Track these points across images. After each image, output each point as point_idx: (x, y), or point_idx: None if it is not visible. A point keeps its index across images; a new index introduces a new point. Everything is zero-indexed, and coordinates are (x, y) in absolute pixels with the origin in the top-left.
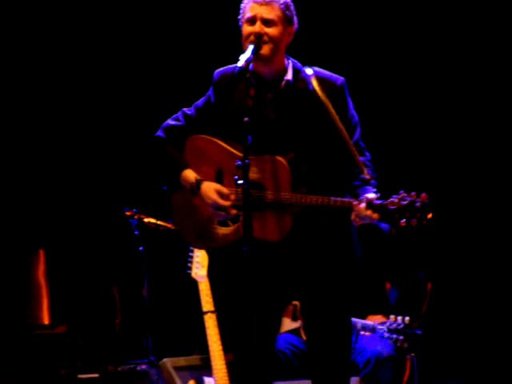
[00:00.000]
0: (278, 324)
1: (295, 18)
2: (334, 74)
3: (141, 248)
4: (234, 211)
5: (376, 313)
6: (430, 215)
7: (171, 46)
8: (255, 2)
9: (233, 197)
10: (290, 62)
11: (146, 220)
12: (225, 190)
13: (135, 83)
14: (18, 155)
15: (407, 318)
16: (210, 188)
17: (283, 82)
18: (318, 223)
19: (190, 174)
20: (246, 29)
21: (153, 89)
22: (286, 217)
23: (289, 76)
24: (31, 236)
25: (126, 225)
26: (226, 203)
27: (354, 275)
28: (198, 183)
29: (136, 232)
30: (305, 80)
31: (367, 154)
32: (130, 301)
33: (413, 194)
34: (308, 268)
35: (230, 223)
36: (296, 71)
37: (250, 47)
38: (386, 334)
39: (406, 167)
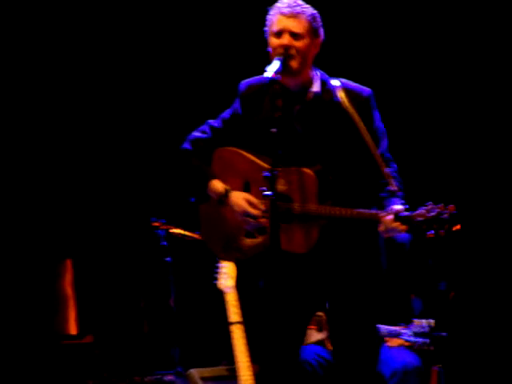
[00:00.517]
0: (303, 335)
1: (321, 30)
2: (360, 86)
3: (168, 258)
4: (263, 220)
5: (401, 322)
6: (458, 226)
7: (197, 61)
8: (282, 15)
9: (262, 206)
10: (317, 73)
11: (173, 231)
12: (254, 199)
13: (163, 95)
14: (47, 166)
15: (432, 321)
16: (239, 196)
17: (310, 94)
18: (345, 235)
19: (217, 184)
20: (274, 41)
21: (180, 101)
22: (312, 229)
23: (316, 88)
24: (59, 246)
25: (154, 235)
26: (256, 211)
27: (379, 286)
28: (227, 192)
29: (163, 242)
30: (332, 91)
31: (394, 165)
32: (157, 311)
33: (440, 205)
34: (334, 279)
35: (256, 235)
36: (323, 83)
37: (278, 59)
38: (412, 338)
39: (432, 178)
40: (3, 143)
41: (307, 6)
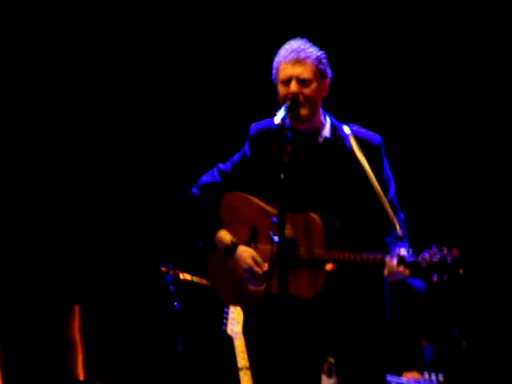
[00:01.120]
0: (317, 381)
1: (329, 70)
2: (370, 133)
3: (176, 304)
4: (264, 280)
5: (411, 369)
6: (461, 271)
7: (212, 101)
8: (288, 63)
9: (266, 266)
10: (327, 117)
11: (181, 276)
12: (259, 258)
13: (175, 135)
14: (52, 209)
15: (441, 376)
16: (245, 253)
17: (321, 138)
18: (351, 281)
19: (225, 236)
20: (282, 90)
21: (192, 142)
22: (319, 275)
23: (326, 132)
24: (67, 292)
25: (162, 281)
26: (260, 271)
27: (385, 331)
28: (234, 245)
29: (171, 288)
30: (342, 138)
31: (401, 214)
32: (165, 356)
33: (444, 249)
34: (340, 326)
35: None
36: (333, 128)
37: (286, 107)
38: None
39: (436, 220)
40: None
41: (312, 48)
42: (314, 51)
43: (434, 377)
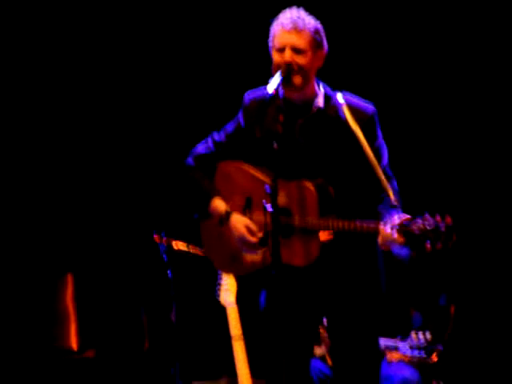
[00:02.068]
0: (311, 349)
1: (325, 42)
2: (364, 103)
3: (169, 272)
4: (260, 249)
5: (400, 335)
6: (454, 238)
7: (203, 68)
8: (284, 30)
9: (260, 234)
10: (321, 87)
11: (174, 245)
12: (253, 226)
13: (168, 104)
14: (46, 178)
15: (428, 335)
16: (239, 222)
17: (314, 108)
18: (345, 249)
19: (219, 204)
20: (276, 58)
21: (186, 110)
22: (312, 243)
23: (320, 102)
24: (59, 260)
25: (155, 249)
26: (254, 239)
27: (378, 301)
28: (227, 215)
29: (164, 256)
30: (336, 108)
31: (394, 182)
32: (158, 326)
33: (437, 217)
34: (333, 294)
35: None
36: (327, 98)
37: (278, 74)
38: (408, 352)
39: (428, 186)
40: (4, 152)
41: (310, 19)
42: (311, 21)
43: (421, 335)
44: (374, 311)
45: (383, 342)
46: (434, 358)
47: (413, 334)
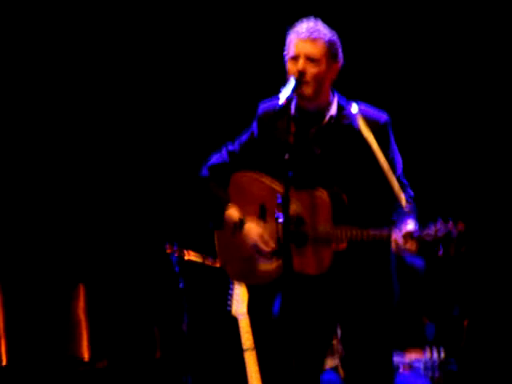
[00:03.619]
0: (322, 360)
1: (340, 54)
2: (377, 112)
3: (181, 284)
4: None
5: (414, 347)
6: (466, 244)
7: (219, 80)
8: (299, 39)
9: (273, 244)
10: (335, 96)
11: (186, 256)
12: (267, 236)
13: (184, 117)
14: (59, 189)
15: (443, 355)
16: (252, 230)
17: (327, 118)
18: (359, 259)
19: (233, 212)
20: (290, 66)
21: (200, 123)
22: (325, 252)
23: (333, 111)
24: (71, 270)
25: (167, 260)
26: (267, 249)
27: (392, 312)
28: (242, 222)
29: (176, 267)
30: (349, 117)
31: (409, 190)
32: (170, 336)
33: (450, 223)
34: (346, 305)
35: (273, 259)
36: (340, 107)
37: (291, 83)
38: (423, 371)
39: (443, 194)
40: (23, 165)
41: (326, 30)
42: (327, 32)
43: (435, 354)
44: (387, 322)
45: (397, 359)
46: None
47: (427, 354)
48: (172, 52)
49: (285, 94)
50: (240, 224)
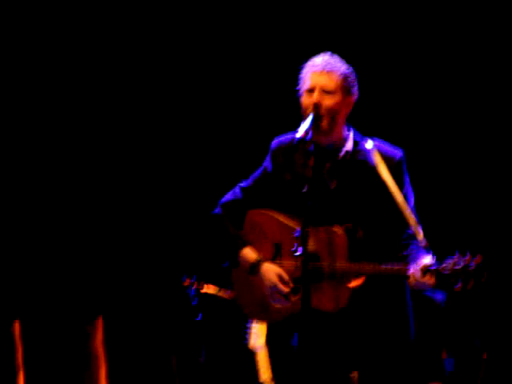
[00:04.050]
0: None
1: (355, 88)
2: (392, 148)
3: (198, 317)
4: (292, 297)
5: (433, 381)
6: (484, 277)
7: (231, 118)
8: (314, 72)
9: (292, 284)
10: (350, 132)
11: (204, 290)
12: (285, 276)
13: (196, 155)
14: (77, 221)
15: None
16: (270, 271)
17: (342, 152)
18: (376, 295)
19: (249, 254)
20: (305, 99)
21: (213, 163)
22: (343, 289)
23: (348, 147)
24: (90, 304)
25: (185, 293)
26: (286, 289)
27: (409, 345)
28: (259, 264)
29: (194, 300)
30: (365, 153)
31: (419, 227)
32: (187, 369)
33: (467, 256)
34: (365, 339)
35: (289, 297)
36: (356, 143)
37: (309, 118)
38: None
39: (459, 228)
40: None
41: (342, 63)
42: (342, 66)
43: None
44: (404, 358)
45: None
46: None
47: None
48: (188, 93)
49: (303, 127)
50: (257, 265)
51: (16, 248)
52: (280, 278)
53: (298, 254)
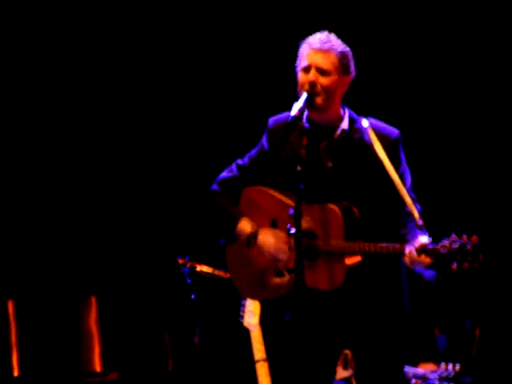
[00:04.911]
0: (333, 373)
1: (352, 67)
2: (388, 127)
3: (192, 296)
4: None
5: (427, 360)
6: (480, 258)
7: (228, 97)
8: (312, 50)
9: (292, 242)
10: (346, 111)
11: (198, 268)
12: (283, 234)
13: (192, 132)
14: (69, 201)
15: (458, 367)
16: (268, 234)
17: (338, 131)
18: (371, 274)
19: (246, 224)
20: (301, 77)
21: (210, 138)
22: (338, 267)
23: (344, 125)
24: (83, 283)
25: (179, 272)
26: (285, 258)
27: (404, 324)
28: (256, 232)
29: (188, 280)
30: (360, 131)
31: (417, 205)
32: (181, 348)
33: (464, 236)
34: (359, 317)
35: (285, 273)
36: (352, 121)
37: (303, 96)
38: (437, 383)
39: (454, 208)
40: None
41: (339, 42)
42: (339, 45)
43: (450, 367)
44: (399, 335)
45: (411, 371)
46: None
47: (442, 366)
48: (184, 70)
49: (297, 106)
50: (255, 233)
51: (9, 228)
52: (277, 237)
53: (292, 232)
